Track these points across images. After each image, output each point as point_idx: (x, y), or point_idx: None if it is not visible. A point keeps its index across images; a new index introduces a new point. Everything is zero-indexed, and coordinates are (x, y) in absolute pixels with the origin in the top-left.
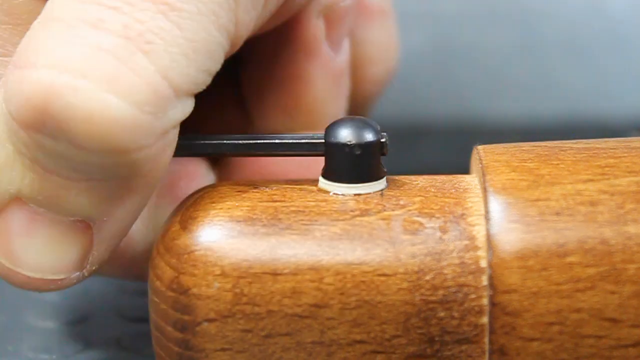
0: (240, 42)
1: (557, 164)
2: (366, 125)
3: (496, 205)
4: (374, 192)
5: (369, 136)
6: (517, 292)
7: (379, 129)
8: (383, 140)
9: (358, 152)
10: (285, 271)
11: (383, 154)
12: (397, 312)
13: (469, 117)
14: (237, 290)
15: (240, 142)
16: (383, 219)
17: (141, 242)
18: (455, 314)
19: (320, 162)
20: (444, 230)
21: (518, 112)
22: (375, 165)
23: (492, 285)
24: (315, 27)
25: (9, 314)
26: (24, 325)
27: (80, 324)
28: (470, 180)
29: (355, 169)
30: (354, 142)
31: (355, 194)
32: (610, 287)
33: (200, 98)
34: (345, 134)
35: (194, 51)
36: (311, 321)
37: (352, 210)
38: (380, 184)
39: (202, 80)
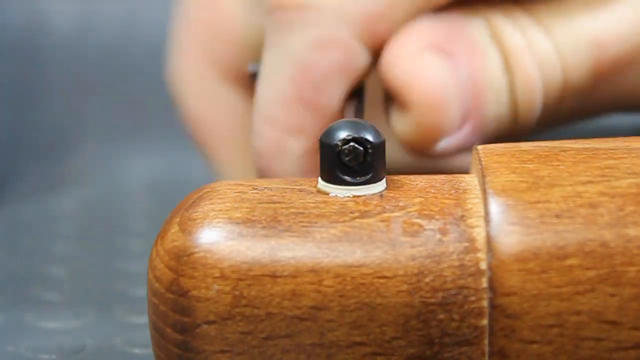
0: None
1: (557, 165)
2: (361, 127)
3: (496, 207)
4: (373, 194)
5: (362, 138)
6: (517, 294)
7: (367, 137)
8: (368, 147)
9: (351, 154)
10: (285, 273)
11: (366, 161)
12: (397, 314)
13: None
14: (237, 293)
15: None
16: (382, 221)
17: None
18: (455, 316)
19: None
20: (443, 232)
21: None
22: (372, 166)
23: (491, 287)
24: None
25: (9, 314)
26: (24, 325)
27: (80, 324)
28: (470, 181)
29: (350, 170)
30: (345, 143)
31: (354, 196)
32: (610, 289)
33: None
34: (337, 135)
35: None
36: (311, 323)
37: (351, 212)
38: (380, 185)
39: None
